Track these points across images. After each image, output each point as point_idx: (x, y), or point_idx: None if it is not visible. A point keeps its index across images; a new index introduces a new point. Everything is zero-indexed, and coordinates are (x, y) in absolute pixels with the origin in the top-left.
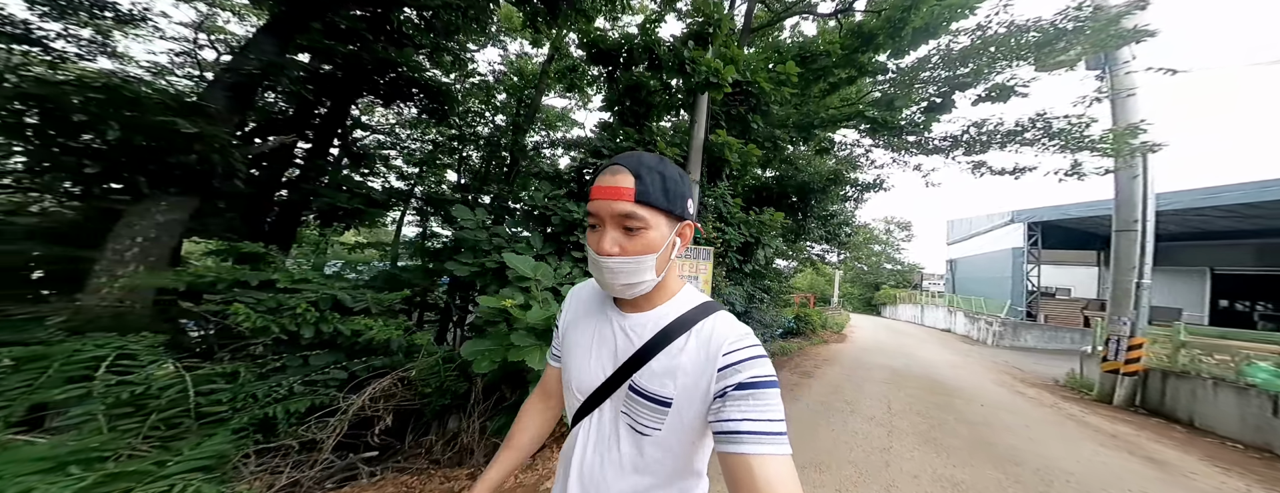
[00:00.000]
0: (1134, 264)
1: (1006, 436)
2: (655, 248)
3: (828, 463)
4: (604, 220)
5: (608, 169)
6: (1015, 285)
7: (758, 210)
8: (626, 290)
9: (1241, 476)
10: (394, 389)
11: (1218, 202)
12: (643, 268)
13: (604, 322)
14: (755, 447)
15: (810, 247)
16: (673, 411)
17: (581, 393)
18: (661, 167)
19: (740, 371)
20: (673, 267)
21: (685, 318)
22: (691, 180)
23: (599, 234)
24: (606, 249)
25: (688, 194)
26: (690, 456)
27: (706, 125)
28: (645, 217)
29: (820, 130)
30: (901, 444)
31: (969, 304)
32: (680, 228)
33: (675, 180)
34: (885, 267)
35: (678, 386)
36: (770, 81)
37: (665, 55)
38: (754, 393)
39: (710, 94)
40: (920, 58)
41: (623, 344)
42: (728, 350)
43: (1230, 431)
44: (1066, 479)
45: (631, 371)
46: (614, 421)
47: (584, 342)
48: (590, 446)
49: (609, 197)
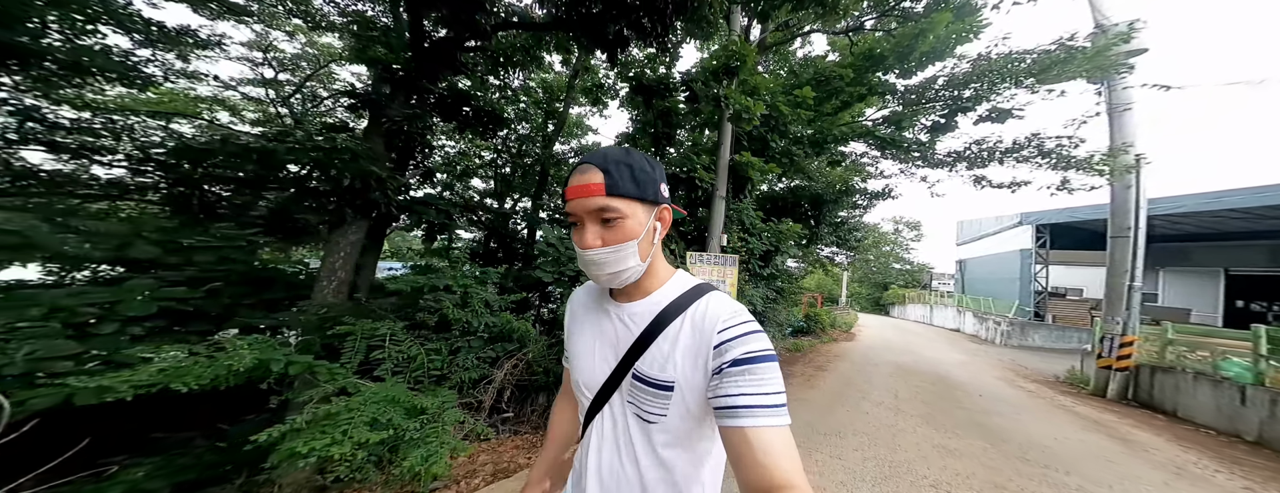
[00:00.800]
0: (1126, 267)
1: (999, 419)
2: (635, 235)
3: (844, 433)
4: (582, 218)
5: (577, 169)
6: (1023, 286)
7: (776, 220)
8: (614, 279)
9: (1198, 453)
10: (515, 367)
11: (1222, 205)
12: (625, 255)
13: (603, 316)
14: (752, 419)
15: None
16: (675, 394)
17: (589, 390)
18: (628, 158)
19: (735, 347)
20: (659, 253)
21: (679, 301)
22: (665, 178)
23: (581, 231)
24: (589, 242)
25: (659, 179)
26: (700, 440)
27: (731, 146)
28: (619, 207)
29: (832, 145)
30: (905, 423)
31: (977, 304)
32: (658, 212)
33: (643, 169)
34: (894, 266)
35: (677, 368)
36: (788, 105)
37: (701, 90)
38: (750, 368)
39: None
40: (927, 79)
41: (622, 335)
42: (722, 328)
43: (1207, 419)
44: (1042, 451)
45: (633, 359)
46: (623, 412)
47: (587, 340)
48: (605, 441)
49: (581, 194)
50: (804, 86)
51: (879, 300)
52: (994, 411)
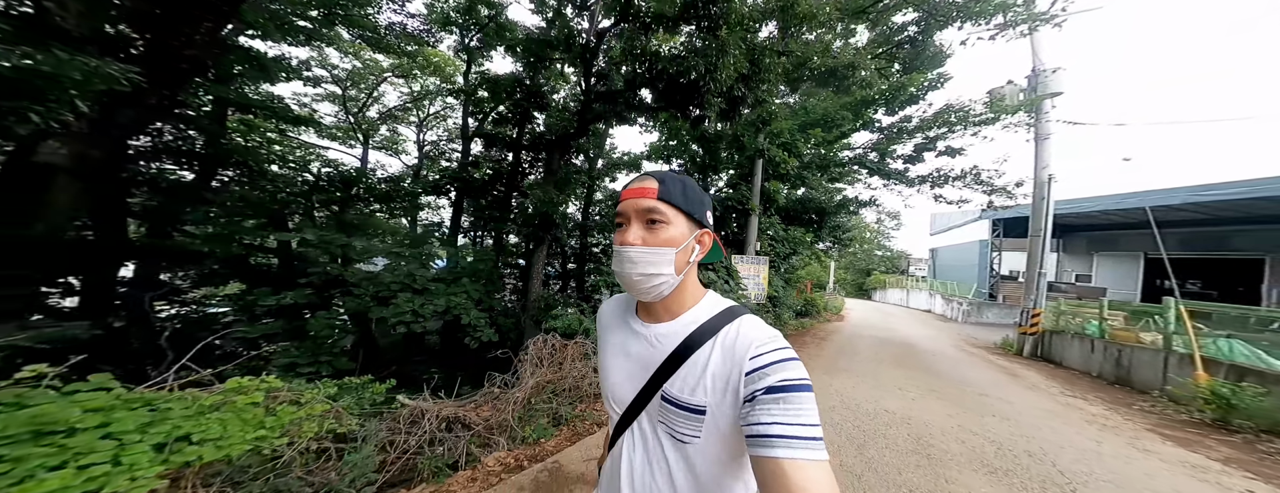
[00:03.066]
0: (1037, 260)
1: (944, 367)
2: (675, 243)
3: (845, 373)
4: (630, 218)
5: (636, 177)
6: (982, 271)
7: (792, 228)
8: (646, 283)
9: (1054, 381)
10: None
11: (1115, 205)
12: (662, 260)
13: (630, 335)
14: (787, 451)
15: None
16: (708, 418)
17: (618, 406)
18: (683, 178)
19: (769, 374)
20: (693, 274)
21: (709, 325)
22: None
23: (625, 231)
24: (629, 240)
25: (707, 206)
26: (736, 461)
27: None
28: (667, 213)
29: (834, 169)
30: (882, 368)
31: (945, 288)
32: (699, 235)
33: (695, 191)
34: (876, 254)
35: (708, 393)
36: (803, 142)
37: (749, 142)
38: (785, 397)
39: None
40: (903, 117)
41: (650, 355)
42: (754, 354)
43: (1074, 364)
44: (965, 379)
45: (661, 381)
46: (654, 431)
47: (614, 355)
48: (638, 458)
49: (635, 195)
50: (815, 128)
51: (862, 285)
52: (942, 364)
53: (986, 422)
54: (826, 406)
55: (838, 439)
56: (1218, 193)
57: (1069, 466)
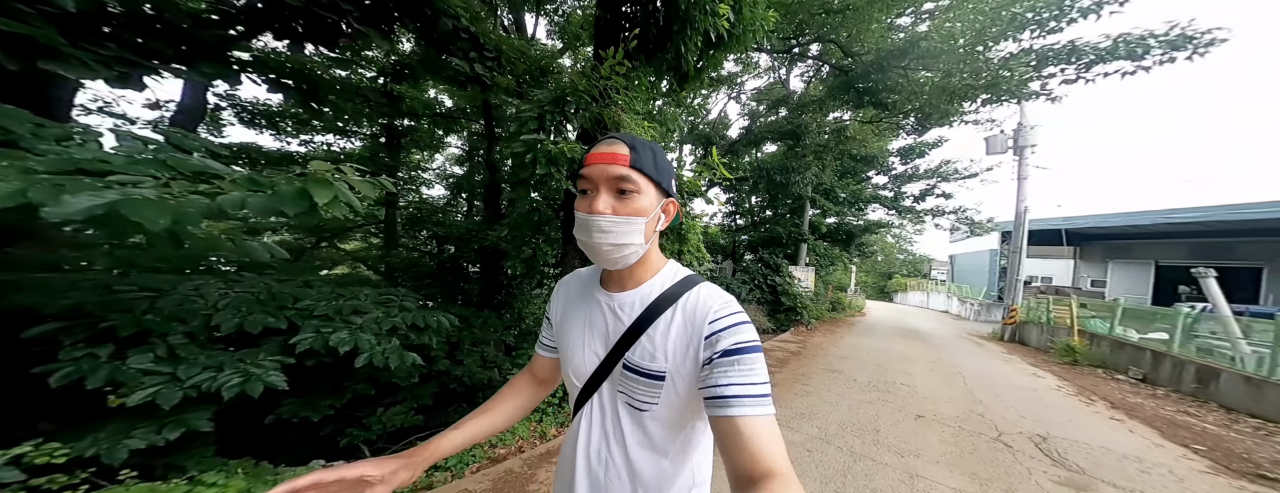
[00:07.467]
0: (1015, 268)
1: (936, 341)
2: (645, 213)
3: (870, 337)
4: (598, 184)
5: (603, 140)
6: (992, 276)
7: (831, 247)
8: (615, 254)
9: (1003, 350)
10: None
11: (1109, 223)
12: (633, 229)
13: (593, 305)
14: (742, 409)
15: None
16: (666, 383)
17: (579, 379)
18: (652, 145)
19: (726, 337)
20: (655, 243)
21: (671, 292)
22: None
23: (591, 198)
24: (599, 208)
25: (672, 175)
26: (689, 427)
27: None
28: (638, 181)
29: (862, 203)
30: (894, 342)
31: (961, 291)
32: (665, 204)
33: (663, 159)
34: (898, 257)
35: (669, 358)
36: (842, 188)
37: (801, 193)
38: (740, 359)
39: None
40: (912, 165)
41: (613, 324)
42: (713, 319)
43: (1033, 343)
44: (953, 349)
45: (624, 349)
46: (613, 401)
47: (577, 328)
48: (594, 428)
49: (605, 161)
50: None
51: (883, 288)
52: (942, 345)
53: (942, 356)
54: (863, 349)
55: (870, 358)
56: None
57: (967, 367)
